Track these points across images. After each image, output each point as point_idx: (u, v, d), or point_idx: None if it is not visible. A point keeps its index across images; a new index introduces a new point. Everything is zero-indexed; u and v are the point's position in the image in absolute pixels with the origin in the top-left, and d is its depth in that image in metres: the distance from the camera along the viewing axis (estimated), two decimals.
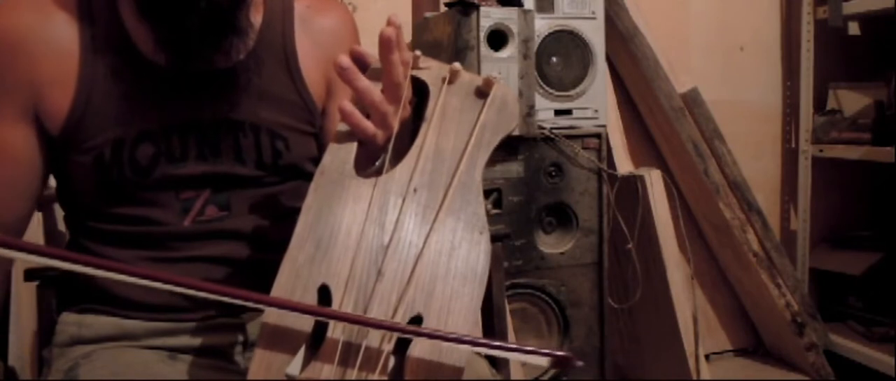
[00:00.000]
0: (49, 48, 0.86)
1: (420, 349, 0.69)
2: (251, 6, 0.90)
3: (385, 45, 0.77)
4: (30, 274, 1.12)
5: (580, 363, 0.70)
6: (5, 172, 0.88)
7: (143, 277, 0.64)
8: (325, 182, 0.76)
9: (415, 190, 0.77)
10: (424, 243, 0.74)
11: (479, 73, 1.61)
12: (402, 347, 0.70)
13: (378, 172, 0.78)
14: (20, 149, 0.88)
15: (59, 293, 0.99)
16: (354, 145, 0.79)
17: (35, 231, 1.34)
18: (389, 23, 0.78)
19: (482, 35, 1.62)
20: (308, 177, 0.96)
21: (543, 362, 0.71)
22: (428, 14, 1.79)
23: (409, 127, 0.83)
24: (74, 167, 0.89)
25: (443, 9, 1.72)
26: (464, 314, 0.72)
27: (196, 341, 0.91)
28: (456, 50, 1.62)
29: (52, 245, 1.31)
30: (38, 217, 1.33)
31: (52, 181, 0.96)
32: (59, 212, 1.34)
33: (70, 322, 0.92)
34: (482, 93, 0.86)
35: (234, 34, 0.87)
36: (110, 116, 0.87)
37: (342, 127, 0.79)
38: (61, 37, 0.86)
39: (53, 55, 0.86)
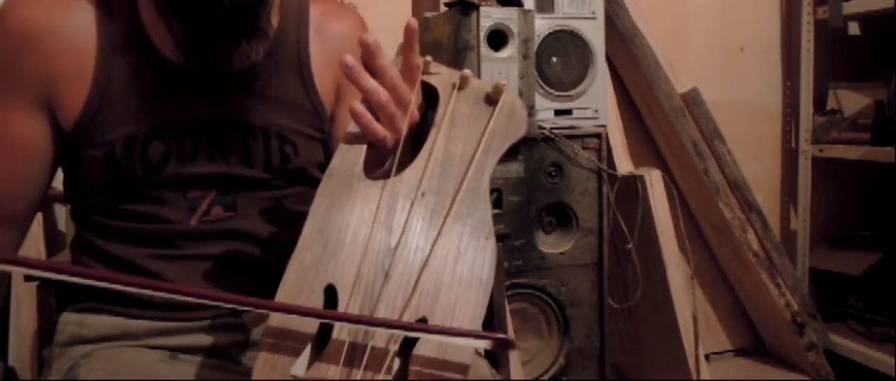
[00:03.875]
0: (65, 43, 0.86)
1: (425, 348, 0.70)
2: (271, 9, 0.90)
3: (365, 51, 0.76)
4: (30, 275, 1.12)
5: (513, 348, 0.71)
6: (14, 161, 0.88)
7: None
8: (334, 183, 0.76)
9: (423, 194, 0.77)
10: (431, 247, 0.75)
11: (479, 73, 1.61)
12: (407, 347, 0.70)
13: (387, 175, 0.78)
14: (30, 139, 0.87)
15: (60, 293, 0.99)
16: (364, 147, 0.79)
17: (35, 231, 1.34)
18: (407, 27, 0.78)
19: (482, 35, 1.62)
20: (314, 182, 0.96)
21: (485, 344, 0.71)
22: (428, 14, 1.79)
23: (415, 132, 0.83)
24: (85, 162, 0.89)
25: (443, 9, 1.72)
26: (468, 319, 0.72)
27: (197, 340, 0.91)
28: (456, 50, 1.62)
29: (51, 245, 1.31)
30: (37, 217, 1.33)
31: (57, 180, 0.96)
32: (59, 212, 1.34)
33: (70, 322, 0.92)
34: (491, 100, 0.86)
35: (255, 35, 0.87)
36: (124, 113, 0.87)
37: (352, 128, 0.79)
38: (78, 32, 0.86)
39: (70, 50, 0.86)
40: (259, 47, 0.89)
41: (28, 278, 1.12)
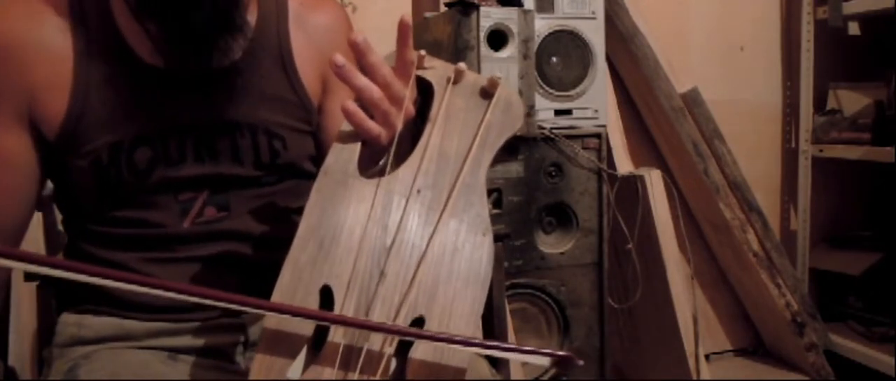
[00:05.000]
0: (42, 53, 0.85)
1: (422, 350, 0.69)
2: (248, 4, 0.90)
3: (355, 50, 0.76)
4: (30, 275, 1.12)
5: (580, 363, 0.70)
6: (5, 178, 0.87)
7: (148, 285, 0.63)
8: (329, 182, 0.75)
9: (418, 191, 0.77)
10: (427, 244, 0.74)
11: (479, 73, 1.61)
12: (404, 349, 0.69)
13: (381, 173, 0.78)
14: (16, 155, 0.87)
15: (59, 293, 0.99)
16: (358, 145, 0.78)
17: (35, 231, 1.34)
18: (401, 24, 0.78)
19: (482, 35, 1.61)
20: (306, 175, 0.96)
21: (545, 362, 0.71)
22: (428, 14, 1.79)
23: (411, 127, 0.83)
24: (72, 172, 0.88)
25: (443, 9, 1.72)
26: (466, 317, 0.72)
27: (196, 341, 0.91)
28: (456, 50, 1.62)
29: (52, 245, 1.31)
30: (37, 217, 1.32)
31: (50, 184, 0.96)
32: (59, 213, 1.33)
33: (70, 322, 0.92)
34: (487, 93, 0.86)
35: (233, 32, 0.86)
36: (107, 120, 0.86)
37: (345, 127, 0.78)
38: (54, 41, 0.85)
39: (47, 60, 0.85)
40: (239, 44, 0.89)
41: (28, 278, 1.12)
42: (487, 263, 0.75)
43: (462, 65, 0.85)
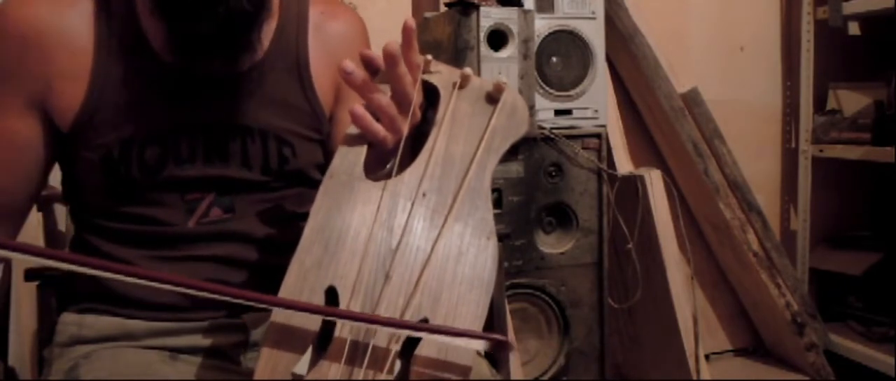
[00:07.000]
0: (63, 43, 0.85)
1: (427, 349, 0.70)
2: (264, 23, 0.90)
3: (389, 59, 0.76)
4: (30, 274, 1.12)
5: (512, 350, 0.71)
6: (5, 157, 0.87)
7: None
8: (335, 184, 0.76)
9: (424, 194, 0.77)
10: (432, 247, 0.74)
11: (479, 73, 1.61)
12: (408, 349, 0.70)
13: (387, 176, 0.78)
14: (22, 137, 0.87)
15: (60, 293, 0.99)
16: (364, 148, 0.79)
17: (35, 232, 1.34)
18: (405, 27, 0.78)
19: (482, 35, 1.61)
20: (313, 183, 0.96)
21: (483, 345, 0.71)
22: (428, 14, 1.79)
23: (414, 131, 0.83)
24: (82, 163, 0.88)
25: (443, 9, 1.72)
26: (470, 320, 0.72)
27: (198, 341, 0.91)
28: (456, 50, 1.62)
29: (52, 246, 1.31)
30: (38, 218, 1.33)
31: (56, 180, 0.96)
32: (59, 212, 1.33)
33: (70, 322, 0.92)
34: (492, 98, 0.86)
35: (244, 49, 0.87)
36: (121, 115, 0.87)
37: (352, 130, 0.79)
38: (76, 32, 0.86)
39: (67, 50, 0.86)
40: (247, 58, 0.89)
41: (28, 278, 1.12)
42: (492, 266, 0.76)
43: (468, 69, 0.86)
